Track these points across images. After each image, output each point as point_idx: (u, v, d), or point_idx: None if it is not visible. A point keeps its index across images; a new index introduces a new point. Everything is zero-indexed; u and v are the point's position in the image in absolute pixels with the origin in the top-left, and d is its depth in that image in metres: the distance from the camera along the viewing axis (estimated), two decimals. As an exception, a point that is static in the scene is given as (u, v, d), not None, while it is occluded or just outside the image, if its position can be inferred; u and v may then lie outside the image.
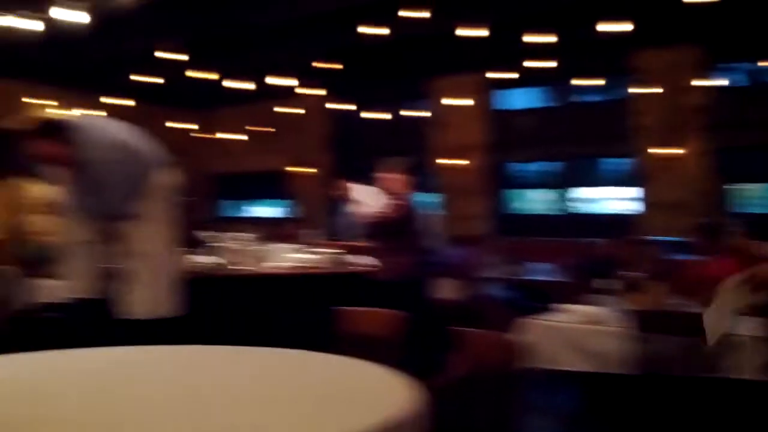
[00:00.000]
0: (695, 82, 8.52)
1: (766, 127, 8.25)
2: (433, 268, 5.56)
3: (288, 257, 5.58)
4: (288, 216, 11.89)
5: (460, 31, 7.22)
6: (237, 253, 5.08)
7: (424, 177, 8.15)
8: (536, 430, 4.43)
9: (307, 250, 5.70)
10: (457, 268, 7.25)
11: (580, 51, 8.72)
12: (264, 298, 4.97)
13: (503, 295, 7.94)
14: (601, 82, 8.87)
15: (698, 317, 3.64)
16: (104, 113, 11.02)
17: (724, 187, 8.76)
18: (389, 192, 5.06)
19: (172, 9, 7.72)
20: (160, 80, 9.45)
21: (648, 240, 7.26)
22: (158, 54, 8.04)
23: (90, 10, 6.21)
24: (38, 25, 6.42)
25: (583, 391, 5.20)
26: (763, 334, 3.34)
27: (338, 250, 5.70)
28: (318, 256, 5.52)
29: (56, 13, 6.31)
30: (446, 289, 7.00)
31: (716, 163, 8.65)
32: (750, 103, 8.47)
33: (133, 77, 9.24)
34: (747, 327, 3.44)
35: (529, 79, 9.56)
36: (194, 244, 5.62)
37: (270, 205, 13.19)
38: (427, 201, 8.73)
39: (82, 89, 10.79)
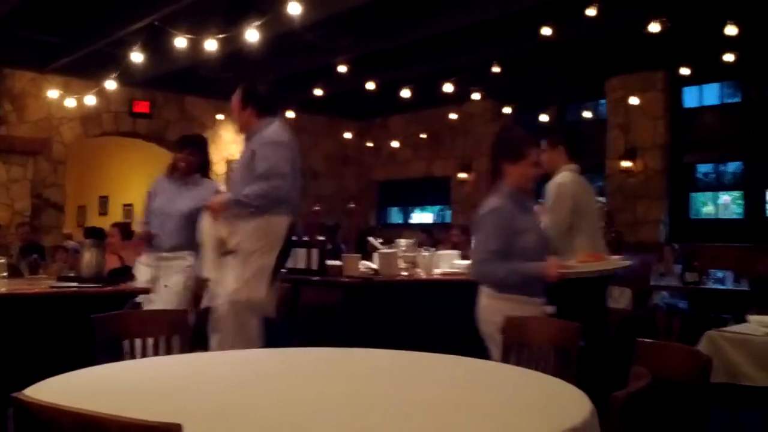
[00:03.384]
0: None
1: None
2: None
3: (451, 263, 5.57)
4: (451, 222, 11.90)
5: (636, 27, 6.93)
6: (397, 259, 5.12)
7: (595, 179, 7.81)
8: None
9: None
10: (629, 276, 6.92)
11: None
12: (425, 303, 4.98)
13: (679, 305, 7.50)
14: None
15: None
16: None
17: None
18: None
19: (341, 25, 8.00)
20: (331, 93, 9.83)
21: None
22: (332, 68, 8.38)
23: (262, 30, 6.56)
24: (212, 45, 6.88)
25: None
26: None
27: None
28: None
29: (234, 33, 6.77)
30: (617, 298, 6.73)
31: None
32: None
33: (311, 91, 9.64)
34: None
35: (715, 73, 8.93)
36: (364, 250, 5.77)
37: (434, 211, 13.29)
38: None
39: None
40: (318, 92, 9.71)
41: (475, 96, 10.14)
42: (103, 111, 10.28)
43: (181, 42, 6.99)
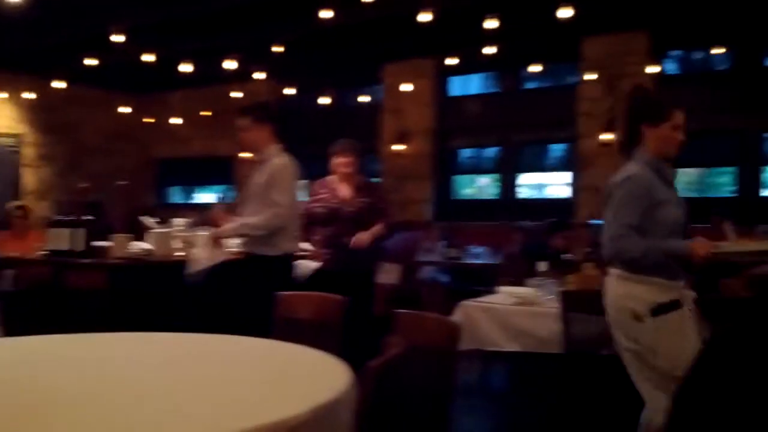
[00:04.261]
0: (637, 69, 8.66)
1: (703, 113, 8.47)
2: (378, 253, 5.66)
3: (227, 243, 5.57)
4: (228, 201, 11.79)
5: (409, 16, 7.28)
6: (171, 239, 5.04)
7: (369, 162, 8.18)
8: (468, 409, 4.57)
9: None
10: (398, 253, 7.38)
11: (529, 37, 8.84)
12: (202, 284, 4.95)
13: (442, 279, 8.11)
14: (539, 68, 8.98)
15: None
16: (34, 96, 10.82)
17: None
18: (340, 175, 5.08)
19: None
20: (106, 64, 9.25)
21: (584, 224, 7.49)
22: (106, 37, 7.88)
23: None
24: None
25: (513, 370, 5.38)
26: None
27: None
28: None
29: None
30: (387, 274, 7.13)
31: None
32: (686, 90, 8.67)
33: (82, 61, 8.99)
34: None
35: (478, 64, 9.64)
36: (138, 230, 5.58)
37: (216, 191, 13.07)
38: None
39: (30, 74, 10.59)
40: (91, 62, 9.10)
41: (258, 75, 10.10)
42: None
43: None
